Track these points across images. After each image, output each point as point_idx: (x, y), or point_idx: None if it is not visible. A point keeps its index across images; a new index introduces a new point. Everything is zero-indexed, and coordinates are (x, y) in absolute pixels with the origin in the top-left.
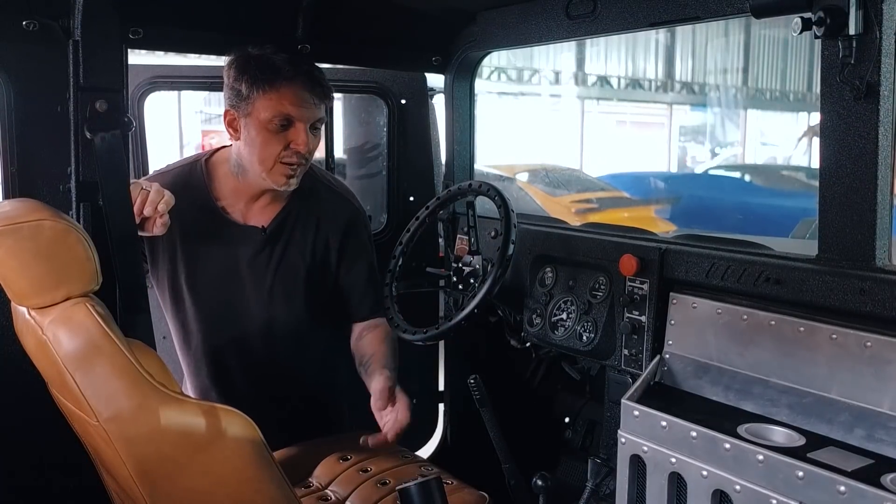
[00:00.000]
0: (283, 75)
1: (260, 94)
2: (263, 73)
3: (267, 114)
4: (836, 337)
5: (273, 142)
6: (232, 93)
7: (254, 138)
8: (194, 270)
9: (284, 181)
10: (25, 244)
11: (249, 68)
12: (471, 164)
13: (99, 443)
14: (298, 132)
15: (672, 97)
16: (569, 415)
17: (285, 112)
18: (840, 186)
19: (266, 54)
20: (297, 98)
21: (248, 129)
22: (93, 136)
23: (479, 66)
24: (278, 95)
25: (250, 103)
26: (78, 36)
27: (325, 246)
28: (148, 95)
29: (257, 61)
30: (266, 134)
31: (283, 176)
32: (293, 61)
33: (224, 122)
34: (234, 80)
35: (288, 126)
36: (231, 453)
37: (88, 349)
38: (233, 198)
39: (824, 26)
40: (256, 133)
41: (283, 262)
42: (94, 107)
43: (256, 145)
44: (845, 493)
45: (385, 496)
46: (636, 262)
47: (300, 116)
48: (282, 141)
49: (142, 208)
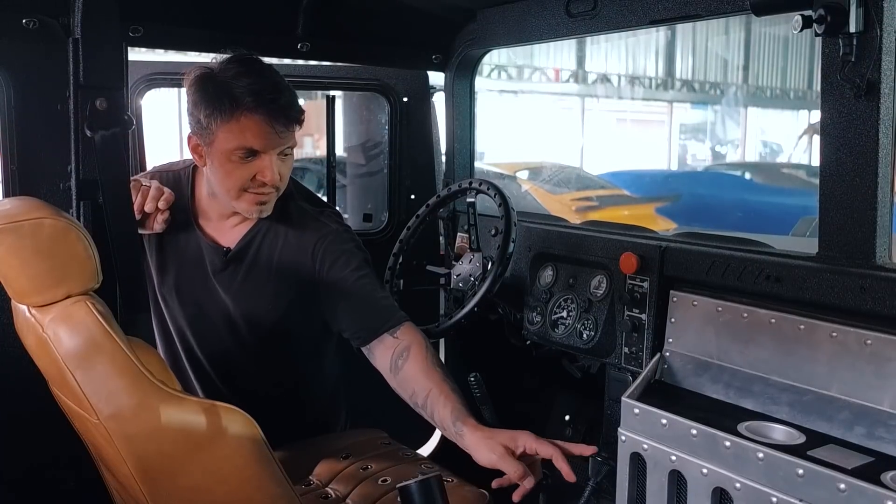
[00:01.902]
0: (243, 106)
1: (220, 125)
2: (222, 104)
3: (229, 145)
4: (836, 335)
5: (237, 173)
6: (192, 119)
7: (217, 168)
8: (165, 275)
9: (255, 209)
10: (26, 242)
11: (207, 95)
12: (471, 162)
13: (99, 441)
14: (264, 162)
15: (672, 95)
16: (569, 413)
17: (248, 145)
18: (840, 184)
19: (226, 79)
20: (259, 130)
21: (212, 157)
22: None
23: (480, 63)
24: (240, 127)
25: (211, 133)
26: (78, 34)
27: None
28: (146, 92)
29: (216, 88)
30: (230, 165)
31: (252, 204)
32: (255, 90)
33: (189, 146)
34: (193, 105)
35: (252, 157)
36: (231, 451)
37: (89, 347)
38: (207, 213)
39: (825, 24)
40: (220, 164)
41: (247, 282)
42: (95, 105)
43: (220, 175)
44: (845, 490)
45: (385, 494)
46: (636, 260)
47: (265, 148)
48: (247, 171)
49: (142, 205)
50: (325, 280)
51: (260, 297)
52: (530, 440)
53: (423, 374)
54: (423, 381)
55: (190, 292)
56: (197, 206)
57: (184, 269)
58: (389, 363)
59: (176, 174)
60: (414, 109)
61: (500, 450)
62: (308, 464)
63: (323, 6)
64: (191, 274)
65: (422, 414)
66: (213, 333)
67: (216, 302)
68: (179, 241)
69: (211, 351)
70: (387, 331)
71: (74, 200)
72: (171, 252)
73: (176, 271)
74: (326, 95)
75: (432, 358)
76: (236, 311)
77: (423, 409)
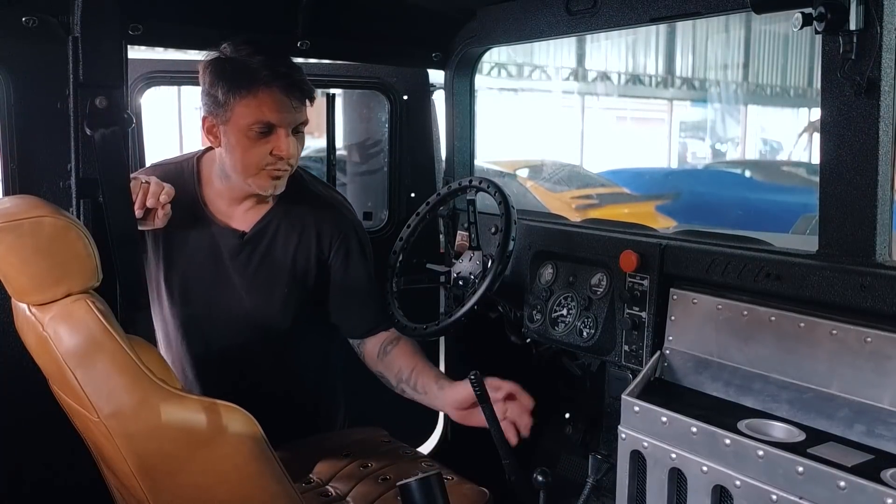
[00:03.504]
0: (260, 80)
1: (238, 101)
2: (240, 79)
3: (246, 120)
4: (836, 332)
5: (254, 149)
6: (209, 99)
7: (234, 146)
8: (171, 269)
9: (269, 184)
10: (26, 241)
11: (225, 73)
12: (471, 160)
13: (100, 439)
14: (280, 138)
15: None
16: (569, 411)
17: (265, 119)
18: (840, 182)
19: (241, 57)
20: (276, 103)
21: (228, 136)
22: (93, 133)
23: (480, 61)
24: (257, 101)
25: (228, 110)
26: (78, 32)
27: (307, 257)
28: (145, 90)
29: (233, 65)
30: (246, 141)
31: (267, 180)
32: (270, 64)
33: (202, 129)
34: (209, 85)
35: (269, 132)
36: (232, 450)
37: (89, 346)
38: (218, 200)
39: (825, 22)
40: (236, 140)
41: (262, 267)
42: (94, 103)
43: (237, 153)
44: (845, 488)
45: (385, 492)
46: (636, 258)
47: (280, 122)
48: (263, 147)
49: (143, 201)
50: (335, 268)
51: (275, 284)
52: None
53: (409, 355)
54: (410, 360)
55: (199, 284)
56: (205, 194)
57: (194, 260)
58: (378, 350)
59: (177, 166)
60: (414, 107)
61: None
62: (308, 462)
63: (323, 4)
64: (202, 263)
65: (406, 391)
66: (221, 327)
67: (229, 291)
68: (189, 232)
69: (218, 346)
70: (384, 329)
71: (74, 199)
72: (178, 245)
73: (185, 264)
74: (326, 93)
75: (419, 348)
76: (249, 299)
77: (408, 382)
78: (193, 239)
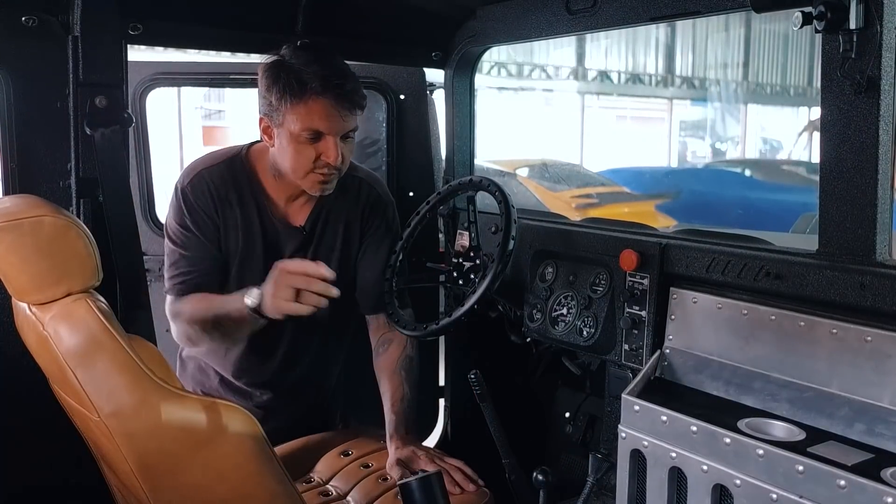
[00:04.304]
0: (311, 90)
1: (289, 108)
2: (292, 88)
3: (296, 126)
4: (836, 331)
5: (304, 153)
6: (265, 101)
7: (285, 148)
8: (244, 269)
9: (318, 188)
10: (26, 240)
11: (280, 80)
12: (471, 159)
13: (100, 438)
14: (328, 145)
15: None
16: (569, 410)
17: (314, 126)
18: (840, 181)
19: (297, 65)
20: (325, 112)
21: (280, 138)
22: (93, 132)
23: (480, 61)
24: (307, 110)
25: (281, 114)
26: (77, 32)
27: (348, 239)
28: (150, 92)
29: (287, 72)
30: (296, 145)
31: (316, 184)
32: (323, 75)
33: (259, 127)
34: (265, 89)
35: (318, 138)
36: (232, 449)
37: (89, 345)
38: (275, 196)
39: (825, 20)
40: (287, 143)
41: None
42: (94, 103)
43: (288, 155)
44: (845, 487)
45: (386, 491)
46: (636, 257)
47: (329, 130)
48: (312, 152)
49: (303, 282)
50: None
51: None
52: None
53: (387, 376)
54: (385, 382)
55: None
56: (266, 188)
57: (251, 257)
58: (375, 343)
59: (228, 161)
60: (411, 107)
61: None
62: (309, 461)
63: (322, 3)
64: (259, 260)
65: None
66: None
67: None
68: (255, 227)
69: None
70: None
71: (74, 198)
72: (249, 240)
73: (254, 258)
74: None
75: (402, 361)
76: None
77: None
78: (260, 238)
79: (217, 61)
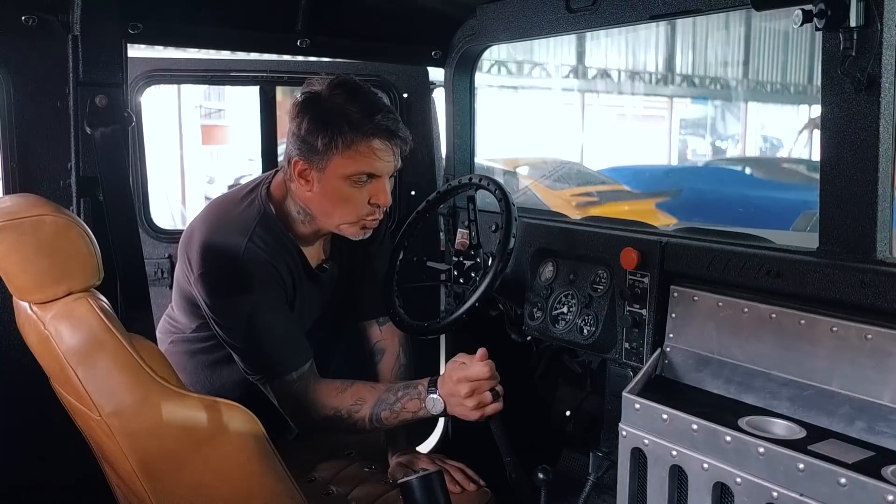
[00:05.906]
0: (363, 131)
1: (338, 153)
2: (341, 130)
3: (347, 171)
4: (836, 329)
5: (353, 198)
6: (304, 144)
7: (331, 193)
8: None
9: (362, 233)
10: (27, 239)
11: (324, 123)
12: (471, 157)
13: (101, 437)
14: (379, 187)
15: (672, 90)
16: (570, 408)
17: (367, 170)
18: (841, 179)
19: (337, 105)
20: (378, 154)
21: (324, 182)
22: (93, 132)
23: (480, 59)
24: (359, 153)
25: (327, 159)
26: (77, 31)
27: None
28: (146, 89)
29: (330, 114)
30: (346, 190)
31: (361, 229)
32: (370, 113)
33: (293, 171)
34: (306, 132)
35: (368, 181)
36: (233, 447)
37: (90, 344)
38: (303, 241)
39: (825, 18)
40: (334, 189)
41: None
42: (94, 102)
43: (336, 200)
44: (846, 485)
45: (387, 492)
46: (637, 256)
47: (382, 171)
48: (362, 196)
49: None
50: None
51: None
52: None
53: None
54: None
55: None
56: (296, 234)
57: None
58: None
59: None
60: (414, 105)
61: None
62: (310, 461)
63: (323, 2)
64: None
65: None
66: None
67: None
68: (299, 276)
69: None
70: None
71: (75, 197)
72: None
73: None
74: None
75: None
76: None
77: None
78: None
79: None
